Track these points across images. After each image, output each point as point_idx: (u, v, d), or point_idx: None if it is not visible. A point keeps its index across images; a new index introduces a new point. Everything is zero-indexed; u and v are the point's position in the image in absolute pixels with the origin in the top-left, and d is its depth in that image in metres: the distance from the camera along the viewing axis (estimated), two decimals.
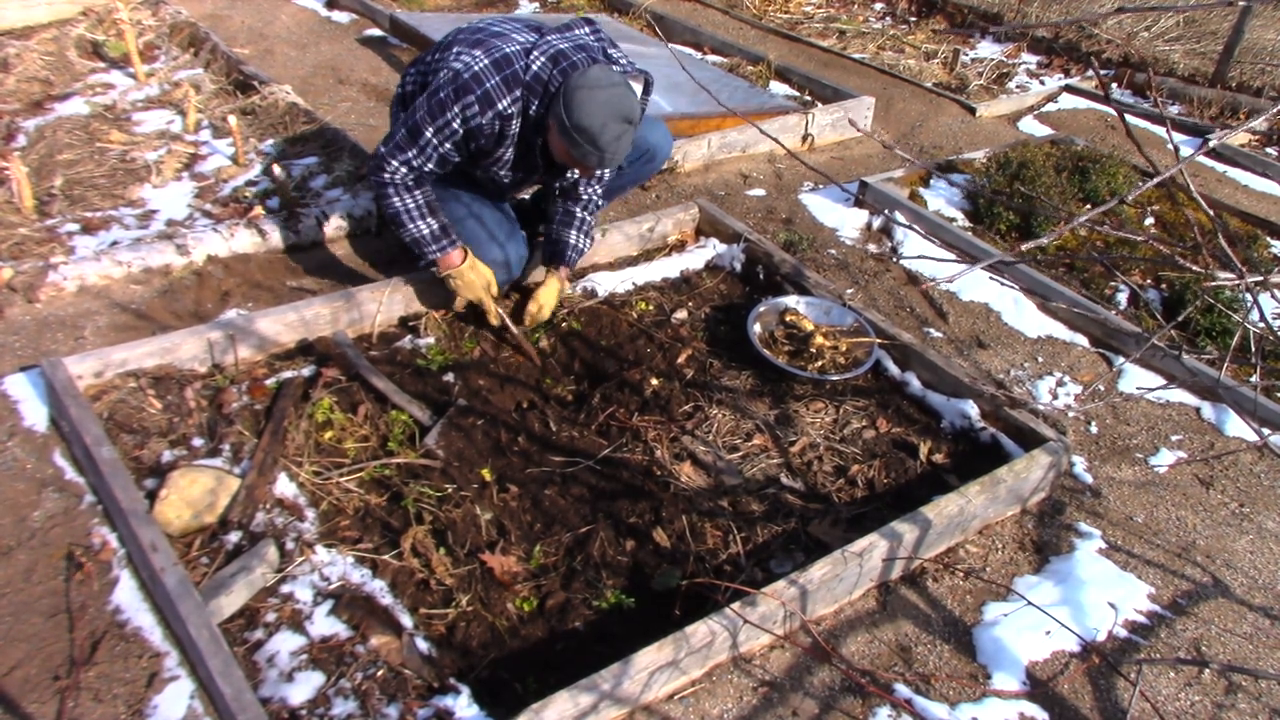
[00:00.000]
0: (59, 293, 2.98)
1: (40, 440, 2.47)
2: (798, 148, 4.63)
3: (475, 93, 2.62)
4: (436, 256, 2.85)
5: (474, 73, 2.63)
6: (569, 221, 3.05)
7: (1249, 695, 2.23)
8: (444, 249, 2.84)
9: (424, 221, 2.81)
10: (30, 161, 3.68)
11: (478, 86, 2.62)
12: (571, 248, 3.06)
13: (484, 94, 2.63)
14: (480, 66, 2.64)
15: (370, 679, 1.99)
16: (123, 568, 2.17)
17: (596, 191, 3.06)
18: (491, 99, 2.64)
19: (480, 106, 2.64)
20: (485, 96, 2.63)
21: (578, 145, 2.59)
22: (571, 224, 3.05)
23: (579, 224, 3.05)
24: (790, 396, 2.93)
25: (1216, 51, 5.97)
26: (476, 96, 2.63)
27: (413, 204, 2.78)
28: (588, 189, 3.04)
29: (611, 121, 2.56)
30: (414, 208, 2.79)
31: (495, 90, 2.64)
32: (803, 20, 6.58)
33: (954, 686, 2.17)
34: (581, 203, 3.05)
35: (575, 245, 3.06)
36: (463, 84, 2.63)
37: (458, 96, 2.63)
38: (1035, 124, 5.26)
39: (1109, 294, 3.65)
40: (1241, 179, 4.87)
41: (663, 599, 2.23)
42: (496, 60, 2.65)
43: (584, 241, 3.08)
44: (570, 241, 3.05)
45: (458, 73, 2.65)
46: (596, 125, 2.54)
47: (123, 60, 4.58)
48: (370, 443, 2.58)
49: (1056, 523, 2.66)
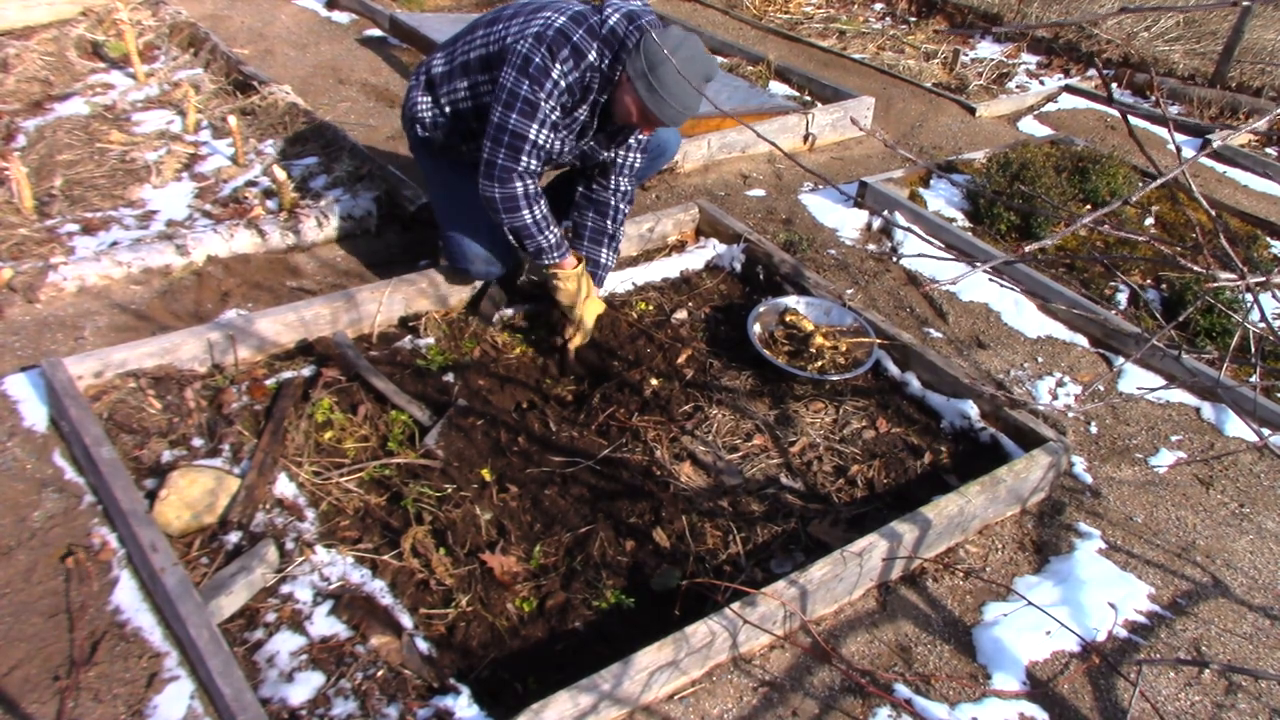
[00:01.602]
0: (59, 293, 2.98)
1: (40, 440, 2.47)
2: (798, 148, 4.63)
3: (567, 46, 2.58)
4: (558, 259, 2.86)
5: (558, 28, 2.59)
6: (599, 238, 3.03)
7: (1249, 695, 2.23)
8: (565, 253, 2.86)
9: (549, 232, 2.80)
10: (30, 162, 3.68)
11: (566, 41, 2.58)
12: (603, 267, 3.05)
13: (574, 47, 2.58)
14: (561, 23, 2.60)
15: (370, 679, 1.99)
16: (123, 568, 2.17)
17: (625, 189, 3.01)
18: (581, 51, 2.59)
19: (574, 60, 2.59)
20: (575, 49, 2.59)
21: (658, 97, 2.55)
22: (602, 240, 3.03)
23: (609, 242, 3.04)
24: (790, 396, 2.93)
25: (1216, 51, 5.98)
26: (569, 50, 2.58)
27: (540, 215, 2.76)
28: (619, 181, 2.98)
29: (695, 78, 2.53)
30: (541, 218, 2.76)
31: (582, 41, 2.59)
32: (802, 20, 6.58)
33: (954, 686, 2.17)
34: (611, 212, 3.00)
35: (606, 264, 3.06)
36: (552, 40, 2.57)
37: (554, 54, 2.57)
38: (1035, 124, 5.26)
39: (1109, 294, 3.65)
40: (1241, 179, 4.87)
41: (663, 599, 2.23)
42: (574, 15, 2.62)
43: (613, 258, 3.08)
44: (602, 261, 3.04)
45: (540, 33, 2.59)
46: (681, 78, 2.51)
47: (122, 60, 4.58)
48: (370, 443, 2.58)
49: (1056, 523, 2.66)
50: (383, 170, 3.67)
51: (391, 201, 3.55)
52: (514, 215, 2.73)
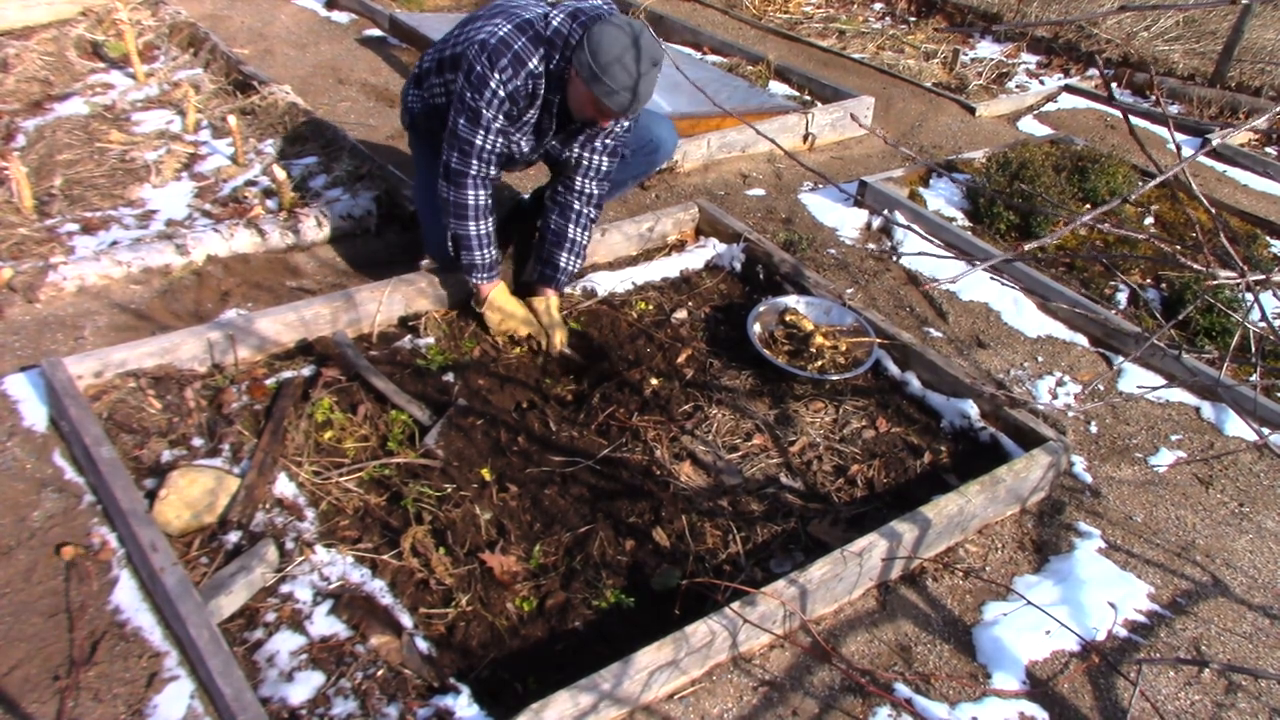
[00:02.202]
0: (59, 293, 2.98)
1: (40, 440, 2.47)
2: (798, 147, 4.63)
3: (506, 56, 2.62)
4: (485, 279, 2.93)
5: (500, 38, 2.63)
6: (559, 244, 3.02)
7: (1249, 695, 2.23)
8: (492, 276, 2.93)
9: (486, 251, 2.86)
10: (30, 161, 3.68)
11: (507, 50, 2.62)
12: (562, 270, 3.04)
13: (514, 55, 2.62)
14: (504, 31, 2.64)
15: (370, 679, 1.99)
16: (122, 568, 2.17)
17: (590, 192, 3.00)
18: (522, 59, 2.63)
19: (514, 69, 2.63)
20: (516, 57, 2.63)
21: (603, 85, 2.56)
22: (561, 247, 3.02)
23: (569, 247, 3.02)
24: (790, 396, 2.93)
25: (1216, 51, 5.98)
26: (509, 59, 2.62)
27: (484, 231, 2.82)
28: (583, 183, 2.98)
29: (637, 60, 2.54)
30: (484, 234, 2.83)
31: (523, 49, 2.63)
32: (802, 20, 6.58)
33: (954, 686, 2.17)
34: (573, 214, 2.99)
35: (565, 269, 3.04)
36: (492, 49, 2.62)
37: (493, 63, 2.62)
38: (1035, 124, 5.26)
39: (1109, 293, 3.65)
40: (1241, 178, 4.87)
41: (663, 599, 2.23)
42: (518, 24, 2.66)
43: (574, 262, 3.05)
44: (561, 265, 3.03)
45: (484, 42, 2.64)
46: (623, 63, 2.52)
47: (122, 60, 4.58)
48: (370, 443, 2.58)
49: (1056, 522, 2.66)
50: (382, 170, 3.67)
51: (391, 201, 3.55)
52: (461, 223, 2.81)
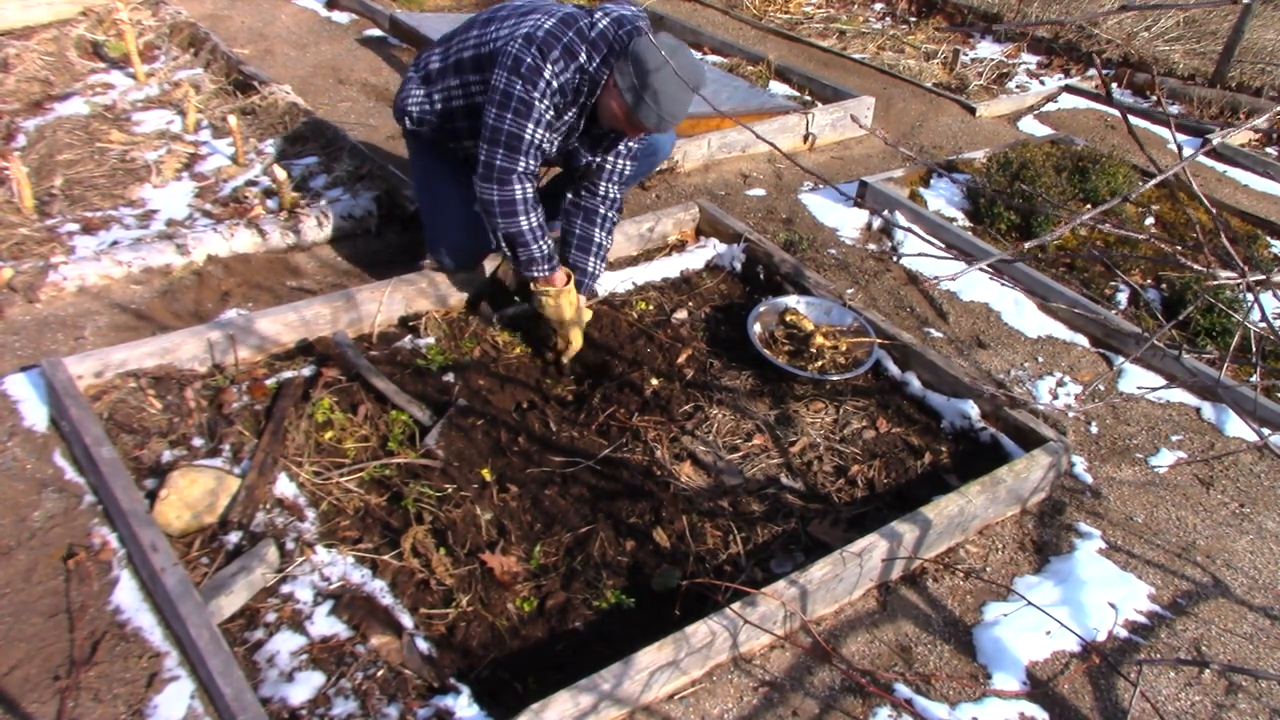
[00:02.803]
0: (59, 293, 2.98)
1: (40, 440, 2.47)
2: (798, 148, 4.63)
3: (557, 48, 2.56)
4: (547, 274, 2.82)
5: (547, 30, 2.58)
6: (586, 246, 2.99)
7: (1249, 695, 2.23)
8: (553, 269, 2.83)
9: (543, 242, 2.77)
10: (30, 161, 3.68)
11: (556, 43, 2.56)
12: (590, 275, 3.02)
13: (565, 48, 2.57)
14: (550, 25, 2.59)
15: (370, 679, 1.99)
16: (123, 568, 2.17)
17: (614, 196, 2.99)
18: (573, 51, 2.58)
19: (565, 61, 2.58)
20: (567, 50, 2.57)
21: (644, 104, 2.53)
22: (589, 253, 3.00)
23: (596, 252, 3.00)
24: (790, 396, 2.93)
25: (1216, 51, 5.98)
26: (560, 51, 2.56)
27: (536, 223, 2.74)
28: (607, 187, 2.96)
29: (683, 87, 2.51)
30: (537, 226, 2.74)
31: (572, 44, 2.58)
32: (803, 20, 6.58)
33: (954, 686, 2.17)
34: (598, 219, 2.97)
35: (593, 273, 3.02)
36: (541, 41, 2.56)
37: (545, 54, 2.55)
38: (1035, 124, 5.26)
39: (1109, 294, 3.65)
40: (1241, 179, 4.87)
41: (663, 599, 2.23)
42: (563, 17, 2.62)
43: (600, 266, 3.04)
44: (589, 269, 3.01)
45: (529, 35, 2.57)
46: (668, 85, 2.50)
47: (123, 60, 4.58)
48: (370, 443, 2.58)
49: (1056, 523, 2.66)
50: (383, 170, 3.67)
51: (391, 201, 3.55)
52: (510, 221, 2.70)
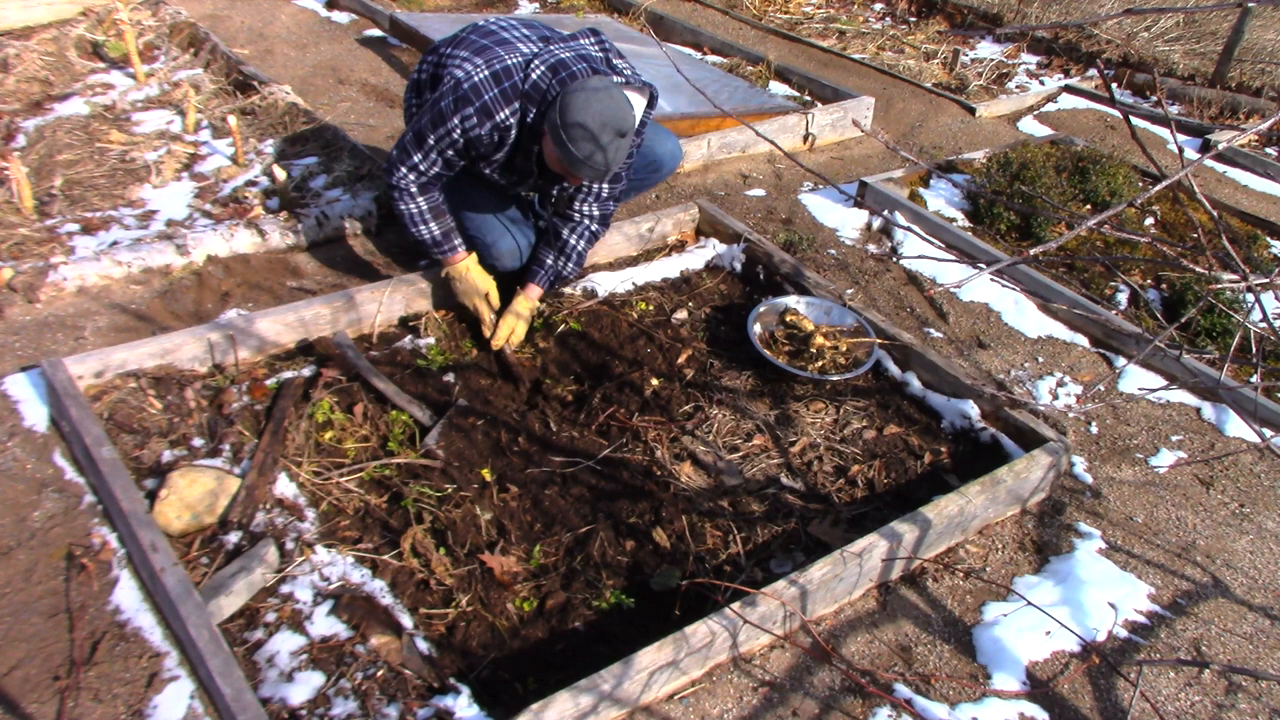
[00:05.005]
0: (59, 293, 2.98)
1: (40, 440, 2.47)
2: (798, 148, 4.63)
3: (474, 105, 2.64)
4: (441, 258, 2.96)
5: (473, 84, 2.64)
6: (550, 244, 3.02)
7: (1249, 695, 2.23)
8: (446, 252, 2.94)
9: (427, 226, 2.89)
10: (30, 161, 3.68)
11: (476, 99, 2.64)
12: (547, 268, 3.02)
13: (483, 106, 2.64)
14: (480, 78, 2.65)
15: (370, 679, 1.99)
16: (123, 568, 2.17)
17: (591, 214, 2.99)
18: (490, 111, 2.65)
19: (479, 118, 2.65)
20: (484, 108, 2.64)
21: (568, 153, 2.57)
22: (552, 247, 3.01)
23: (560, 247, 3.00)
24: (790, 397, 2.93)
25: (1216, 52, 5.98)
26: (475, 109, 2.64)
27: (416, 210, 2.86)
28: (581, 208, 2.98)
29: (603, 131, 2.53)
30: (418, 213, 2.86)
31: (494, 102, 2.64)
32: (802, 20, 6.58)
33: (954, 686, 2.17)
34: (572, 224, 2.99)
35: (550, 267, 3.02)
36: (462, 95, 2.64)
37: (457, 107, 2.65)
38: (1035, 124, 5.26)
39: (1109, 294, 3.65)
40: (1241, 179, 4.87)
41: (663, 599, 2.23)
42: (496, 72, 2.65)
43: (563, 264, 3.02)
44: (547, 262, 3.02)
45: (459, 82, 2.67)
46: (588, 133, 2.53)
47: (122, 60, 4.58)
48: (370, 443, 2.58)
49: (1056, 523, 2.66)
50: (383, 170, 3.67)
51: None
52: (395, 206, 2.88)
